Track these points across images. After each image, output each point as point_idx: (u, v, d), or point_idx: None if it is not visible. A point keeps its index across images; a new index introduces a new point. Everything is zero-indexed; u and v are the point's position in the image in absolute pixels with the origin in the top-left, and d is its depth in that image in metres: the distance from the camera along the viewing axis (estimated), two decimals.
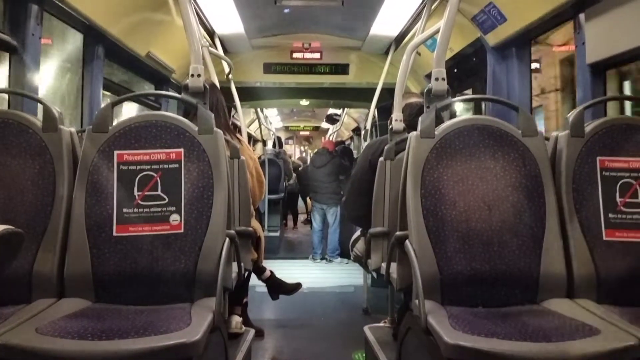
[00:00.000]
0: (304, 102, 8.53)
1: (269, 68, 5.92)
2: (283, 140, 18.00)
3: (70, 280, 2.00)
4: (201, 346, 1.64)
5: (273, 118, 14.06)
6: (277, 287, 4.03)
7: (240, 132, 4.80)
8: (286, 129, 18.17)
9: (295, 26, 5.46)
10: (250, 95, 6.18)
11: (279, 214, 9.04)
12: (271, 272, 3.99)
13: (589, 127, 2.19)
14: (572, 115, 2.21)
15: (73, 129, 2.23)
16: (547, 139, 2.26)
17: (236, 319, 3.14)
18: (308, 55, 5.88)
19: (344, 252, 6.82)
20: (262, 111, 10.09)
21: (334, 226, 7.36)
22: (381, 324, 3.38)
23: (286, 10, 4.82)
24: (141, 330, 1.66)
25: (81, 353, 1.56)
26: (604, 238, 2.07)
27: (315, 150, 8.55)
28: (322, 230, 7.52)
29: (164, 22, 4.01)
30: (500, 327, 1.71)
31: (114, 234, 2.03)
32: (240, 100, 4.90)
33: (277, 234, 8.42)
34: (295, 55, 5.88)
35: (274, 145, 10.99)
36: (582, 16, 2.78)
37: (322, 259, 7.48)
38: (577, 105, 2.49)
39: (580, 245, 2.06)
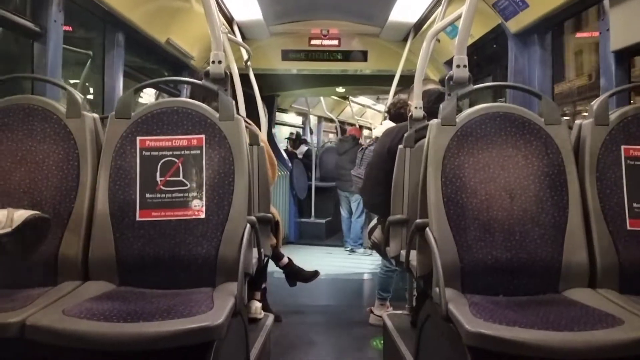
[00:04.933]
0: (340, 90, 8.44)
1: (287, 55, 5.90)
2: None
3: (94, 264, 2.04)
4: (224, 330, 1.66)
5: (367, 100, 12.69)
6: (294, 274, 4.06)
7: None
8: None
9: (314, 13, 5.44)
10: (268, 82, 6.17)
11: (332, 201, 8.64)
12: (289, 259, 4.01)
13: (613, 115, 2.16)
14: (596, 103, 2.18)
15: (96, 115, 2.25)
16: (570, 127, 2.23)
17: (256, 304, 3.17)
18: (326, 42, 5.85)
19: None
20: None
21: (356, 214, 7.30)
22: (398, 311, 3.39)
23: None
24: (165, 313, 1.68)
25: (107, 334, 1.60)
26: (628, 227, 2.04)
27: (340, 138, 8.48)
28: (349, 218, 7.45)
29: (183, 8, 4.02)
30: (522, 316, 1.70)
31: (137, 218, 2.05)
32: (260, 87, 4.90)
33: (324, 220, 8.33)
34: (313, 42, 5.86)
35: (336, 133, 10.91)
36: (606, 2, 2.72)
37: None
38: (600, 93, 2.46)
39: (603, 235, 2.03)
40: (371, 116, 13.40)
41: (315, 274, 4.15)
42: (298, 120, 11.95)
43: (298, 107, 10.48)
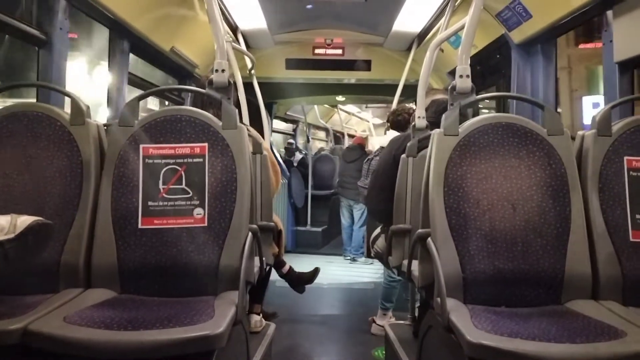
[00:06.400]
0: (340, 98, 8.47)
1: (291, 64, 5.91)
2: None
3: (96, 271, 2.04)
4: (225, 338, 1.66)
5: (352, 108, 12.93)
6: (297, 280, 4.04)
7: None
8: None
9: (318, 22, 5.45)
10: (272, 90, 6.18)
11: (327, 209, 8.74)
12: (290, 266, 3.99)
13: (616, 127, 2.16)
14: (598, 114, 2.18)
15: (100, 122, 2.26)
16: (573, 138, 2.23)
17: (255, 318, 3.14)
18: (330, 51, 5.85)
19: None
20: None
21: (359, 223, 7.26)
22: (400, 321, 3.38)
23: (309, 6, 4.81)
24: (166, 321, 1.68)
25: (108, 342, 1.59)
26: (631, 239, 2.04)
27: (347, 146, 8.49)
28: (350, 226, 7.40)
29: (187, 17, 4.04)
30: (524, 328, 1.70)
31: (140, 226, 2.06)
32: (262, 95, 4.91)
33: (320, 229, 8.33)
34: (317, 51, 5.86)
35: (327, 141, 10.93)
36: (609, 13, 2.73)
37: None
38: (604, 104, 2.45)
39: (606, 246, 2.03)
40: (356, 123, 13.64)
41: (315, 271, 4.10)
42: (288, 127, 11.96)
43: (292, 114, 10.48)
